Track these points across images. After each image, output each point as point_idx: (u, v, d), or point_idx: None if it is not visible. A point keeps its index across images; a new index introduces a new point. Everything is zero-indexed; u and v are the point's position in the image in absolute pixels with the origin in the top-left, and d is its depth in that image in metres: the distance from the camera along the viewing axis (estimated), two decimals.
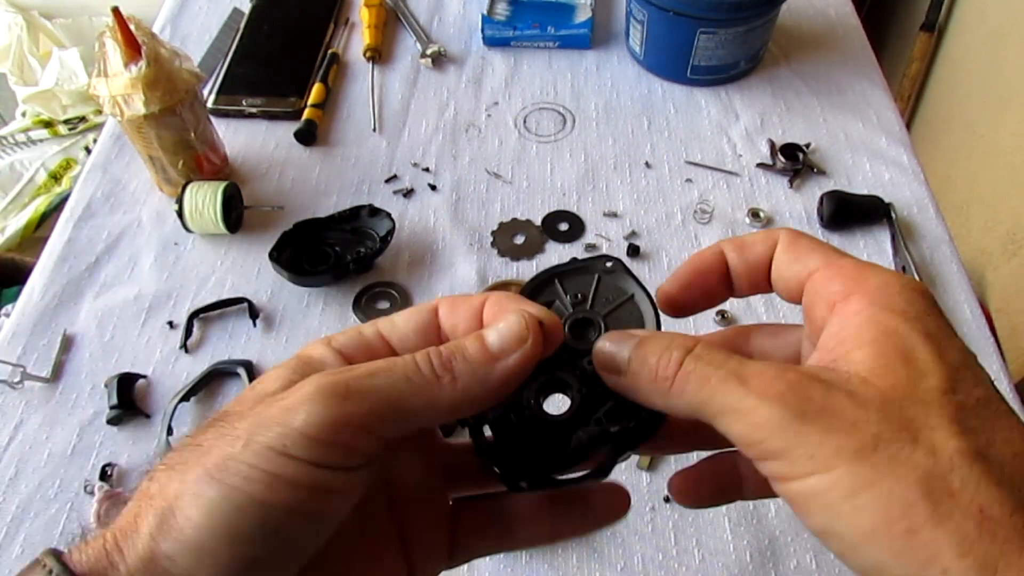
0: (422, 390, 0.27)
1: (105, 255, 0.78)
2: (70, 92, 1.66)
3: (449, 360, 0.27)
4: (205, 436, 0.26)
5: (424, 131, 0.90)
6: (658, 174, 0.85)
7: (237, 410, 0.27)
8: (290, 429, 0.25)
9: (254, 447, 0.25)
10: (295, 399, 0.25)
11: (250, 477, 0.24)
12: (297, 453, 0.24)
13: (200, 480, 0.24)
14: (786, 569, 0.58)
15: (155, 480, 0.26)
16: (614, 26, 1.02)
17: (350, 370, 0.26)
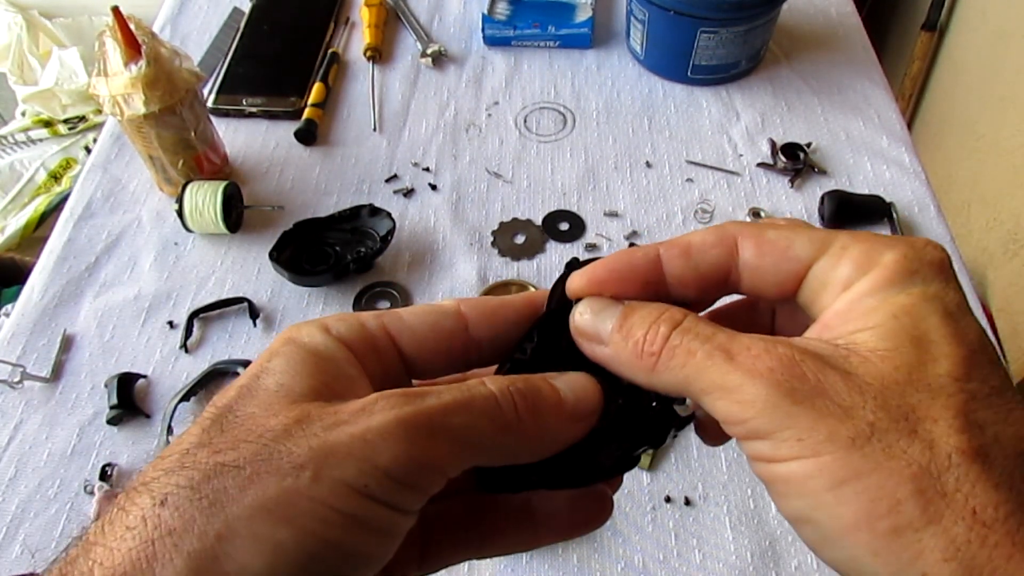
0: (501, 433, 0.24)
1: (105, 255, 0.78)
2: (70, 92, 1.65)
3: (531, 406, 0.25)
4: (239, 452, 0.21)
5: (424, 131, 0.90)
6: (659, 174, 0.85)
7: (257, 414, 0.23)
8: (372, 467, 0.21)
9: (328, 483, 0.21)
10: (371, 428, 0.22)
11: (327, 519, 0.21)
12: (378, 494, 0.21)
13: (259, 518, 0.20)
14: (787, 569, 0.58)
15: (173, 507, 0.20)
16: (615, 25, 1.02)
17: (424, 399, 0.23)
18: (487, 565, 0.59)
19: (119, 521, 0.21)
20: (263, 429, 0.22)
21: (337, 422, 0.22)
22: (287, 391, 0.23)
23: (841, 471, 0.20)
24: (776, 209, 0.81)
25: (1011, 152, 1.29)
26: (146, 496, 0.21)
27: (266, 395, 0.23)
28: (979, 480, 0.20)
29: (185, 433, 0.23)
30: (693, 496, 0.62)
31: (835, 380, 0.21)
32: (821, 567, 0.58)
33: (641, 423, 0.28)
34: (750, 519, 0.60)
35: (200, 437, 0.22)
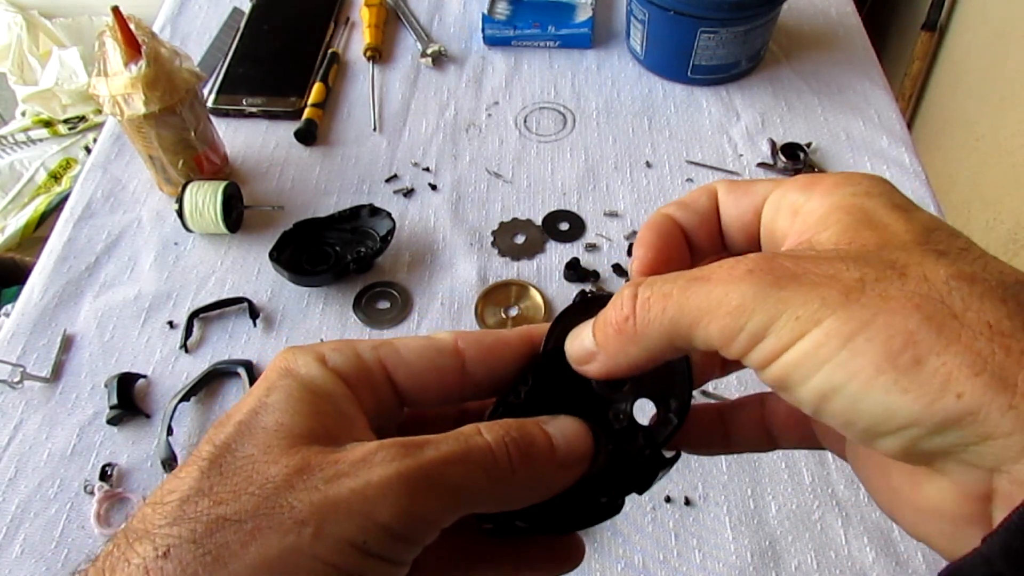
0: (497, 485, 0.24)
1: (105, 255, 0.78)
2: (70, 92, 1.65)
3: (526, 455, 0.25)
4: (241, 504, 0.21)
5: (424, 131, 0.90)
6: (659, 174, 0.85)
7: (257, 457, 0.23)
8: (372, 523, 0.21)
9: (329, 540, 0.21)
10: (373, 484, 0.22)
11: (322, 575, 0.21)
12: (376, 550, 0.22)
13: (261, 575, 0.20)
14: (787, 569, 0.58)
15: (176, 560, 0.21)
16: (615, 25, 1.02)
17: (423, 451, 0.23)
18: None
19: (120, 569, 0.21)
20: (264, 478, 0.22)
21: (338, 474, 0.22)
22: (287, 432, 0.23)
23: (846, 327, 0.20)
24: None
25: (1011, 152, 1.29)
26: (148, 546, 0.21)
27: (264, 435, 0.23)
28: (984, 296, 0.20)
29: (183, 472, 0.23)
30: (693, 496, 0.62)
31: (812, 262, 0.21)
32: (821, 567, 0.58)
33: (630, 469, 0.28)
34: (750, 519, 0.60)
35: (200, 482, 0.22)
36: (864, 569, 0.58)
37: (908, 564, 0.58)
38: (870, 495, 0.25)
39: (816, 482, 0.62)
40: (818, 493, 0.62)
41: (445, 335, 0.28)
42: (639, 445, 0.28)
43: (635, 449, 0.28)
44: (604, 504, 0.28)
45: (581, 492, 0.27)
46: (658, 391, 0.29)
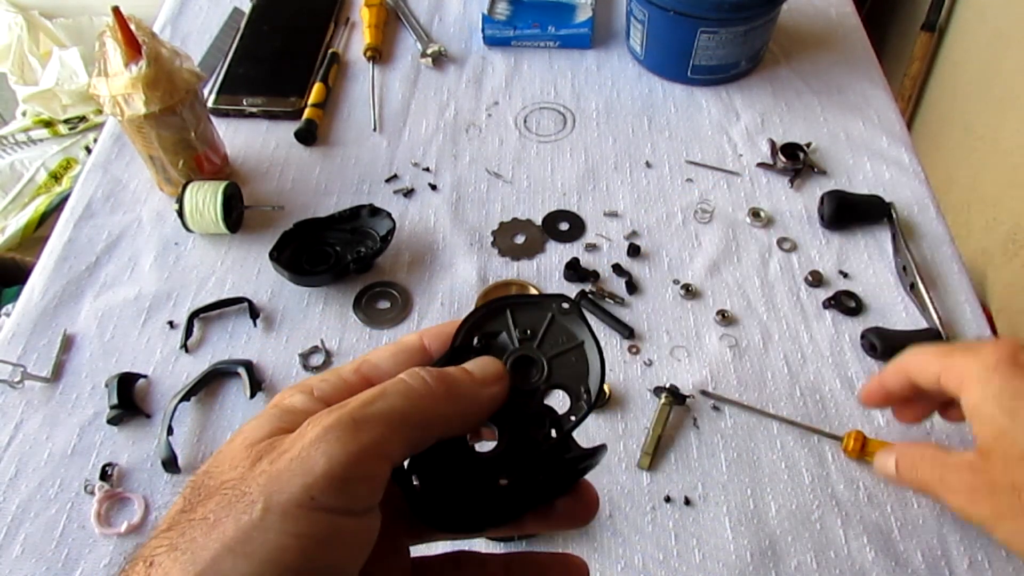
0: (421, 404, 0.26)
1: (105, 255, 0.78)
2: (70, 92, 1.66)
3: (440, 377, 0.27)
4: (207, 507, 0.23)
5: (424, 131, 0.90)
6: (659, 174, 0.85)
7: (224, 470, 0.25)
8: (314, 477, 0.23)
9: (277, 509, 0.22)
10: (304, 445, 0.24)
11: (280, 545, 0.22)
12: (324, 501, 0.23)
13: (222, 558, 0.22)
14: (787, 569, 0.58)
15: (158, 565, 0.23)
16: (614, 26, 1.02)
17: (344, 405, 0.25)
18: None
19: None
20: (226, 481, 0.24)
21: (280, 452, 0.24)
22: (250, 442, 0.25)
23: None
24: (776, 209, 0.81)
25: (1011, 152, 1.29)
26: (140, 563, 0.23)
27: (231, 451, 0.26)
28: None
29: (174, 501, 0.26)
30: (693, 496, 0.62)
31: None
32: (821, 567, 0.58)
33: (537, 453, 0.30)
34: (750, 519, 0.60)
35: (182, 504, 0.25)
36: (864, 569, 0.58)
37: (908, 564, 0.58)
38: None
39: (816, 482, 0.62)
40: (818, 493, 0.62)
41: (411, 336, 0.31)
42: (546, 432, 0.30)
43: (544, 434, 0.30)
44: (507, 488, 0.29)
45: (486, 476, 0.29)
46: (571, 381, 0.32)
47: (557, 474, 0.30)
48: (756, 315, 0.72)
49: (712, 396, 0.66)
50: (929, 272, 0.75)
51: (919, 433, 0.65)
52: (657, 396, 0.66)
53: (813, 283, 0.74)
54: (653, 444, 0.63)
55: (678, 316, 0.73)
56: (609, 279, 0.75)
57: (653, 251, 0.78)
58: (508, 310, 0.32)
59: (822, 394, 0.67)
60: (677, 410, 0.66)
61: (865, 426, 0.65)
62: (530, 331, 0.32)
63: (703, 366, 0.69)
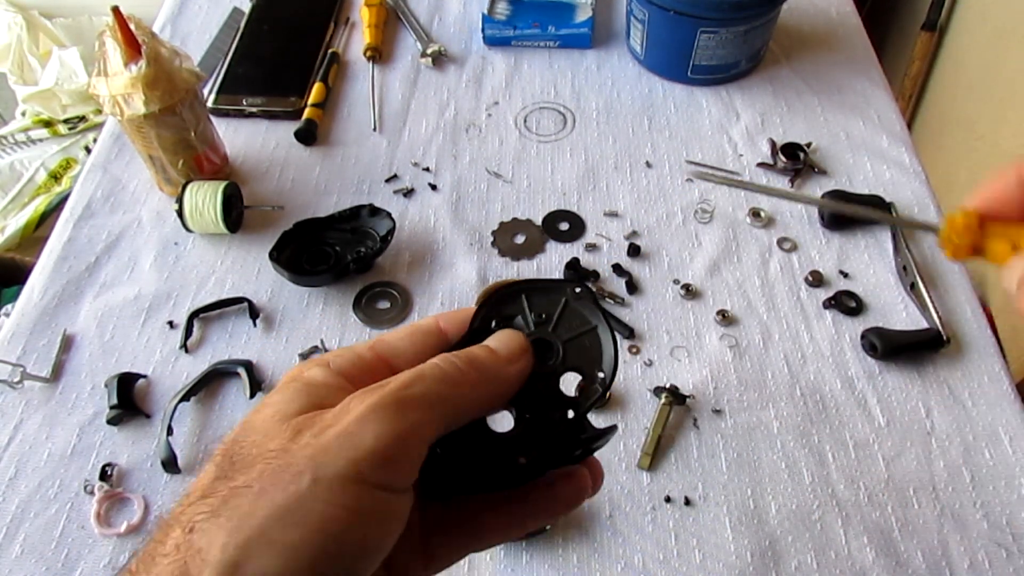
0: (456, 389, 0.27)
1: (105, 255, 0.78)
2: (70, 92, 1.65)
3: (469, 361, 0.28)
4: (248, 476, 0.24)
5: (424, 131, 0.90)
6: (659, 174, 0.85)
7: (259, 441, 0.25)
8: (362, 452, 0.24)
9: (325, 481, 0.23)
10: (352, 421, 0.24)
11: (327, 515, 0.23)
12: (370, 476, 0.24)
13: (271, 526, 0.22)
14: (787, 569, 0.58)
15: (200, 531, 0.23)
16: (615, 25, 1.02)
17: (383, 386, 0.26)
18: (487, 565, 0.59)
19: (157, 552, 0.24)
20: (266, 452, 0.25)
21: (323, 427, 0.25)
22: (282, 415, 0.26)
23: None
24: (776, 209, 0.81)
25: (1011, 152, 1.29)
26: (177, 528, 0.24)
27: (263, 423, 0.26)
28: None
29: (201, 472, 0.26)
30: (693, 496, 0.62)
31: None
32: (821, 567, 0.58)
33: (553, 433, 0.31)
34: (750, 519, 0.60)
35: (215, 472, 0.25)
36: (864, 569, 0.58)
37: (908, 564, 0.58)
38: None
39: (816, 482, 0.62)
40: (818, 493, 0.62)
41: (426, 320, 0.32)
42: (563, 413, 0.31)
43: (560, 416, 0.31)
44: (525, 466, 0.31)
45: (507, 456, 0.30)
46: (585, 365, 0.32)
47: (572, 452, 0.31)
48: (756, 315, 0.72)
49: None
50: (929, 272, 0.75)
51: (919, 434, 0.65)
52: (657, 396, 0.66)
53: (813, 283, 0.74)
54: (653, 444, 0.63)
55: (678, 316, 0.73)
56: (609, 279, 0.75)
57: (653, 251, 0.78)
58: (523, 295, 0.33)
59: (822, 394, 0.67)
60: (677, 410, 0.66)
61: (865, 426, 0.65)
62: (545, 315, 0.33)
63: (703, 366, 0.69)
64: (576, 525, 0.60)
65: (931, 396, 0.67)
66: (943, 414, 0.66)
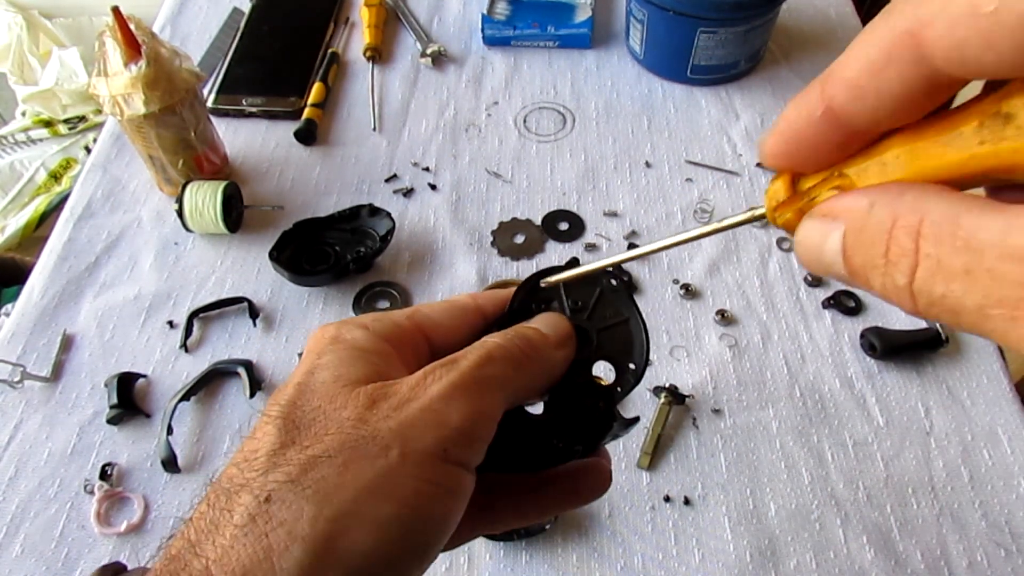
0: (520, 371, 0.27)
1: (105, 255, 0.78)
2: (70, 92, 1.65)
3: (528, 342, 0.28)
4: (324, 445, 0.23)
5: (424, 131, 0.90)
6: (658, 174, 0.85)
7: (325, 408, 0.24)
8: (448, 430, 0.24)
9: (413, 456, 0.23)
10: (436, 398, 0.24)
11: (417, 490, 0.23)
12: (454, 454, 0.24)
13: (363, 499, 0.22)
14: (786, 569, 0.58)
15: (279, 502, 0.22)
16: (614, 26, 1.02)
17: (459, 363, 0.26)
18: (487, 565, 0.59)
19: (224, 520, 0.22)
20: (340, 420, 0.24)
21: (402, 400, 0.24)
22: (345, 381, 0.25)
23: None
24: None
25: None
26: (247, 496, 0.22)
27: (325, 388, 0.25)
28: None
29: (259, 433, 0.25)
30: (692, 496, 0.62)
31: None
32: (820, 567, 0.58)
33: (586, 420, 0.32)
34: (749, 519, 0.60)
35: (281, 437, 0.24)
36: (863, 569, 0.58)
37: (907, 564, 0.58)
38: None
39: (815, 482, 0.62)
40: (817, 493, 0.62)
41: (462, 297, 0.32)
42: (596, 401, 0.32)
43: (592, 403, 0.32)
44: (560, 448, 0.31)
45: (541, 438, 0.31)
46: (617, 355, 0.33)
47: (601, 440, 0.32)
48: (756, 315, 0.73)
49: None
50: None
51: (918, 434, 0.65)
52: (656, 396, 0.66)
53: (812, 283, 0.74)
54: (652, 444, 0.63)
55: (678, 316, 0.73)
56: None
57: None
58: (561, 281, 0.34)
59: (821, 394, 0.67)
60: (676, 410, 0.66)
61: (864, 426, 0.65)
62: (580, 303, 0.33)
63: (703, 366, 0.69)
64: (575, 525, 0.60)
65: (930, 396, 0.67)
66: (942, 414, 0.66)
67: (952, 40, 0.16)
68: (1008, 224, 0.15)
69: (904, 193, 0.17)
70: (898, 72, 0.17)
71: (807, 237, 0.20)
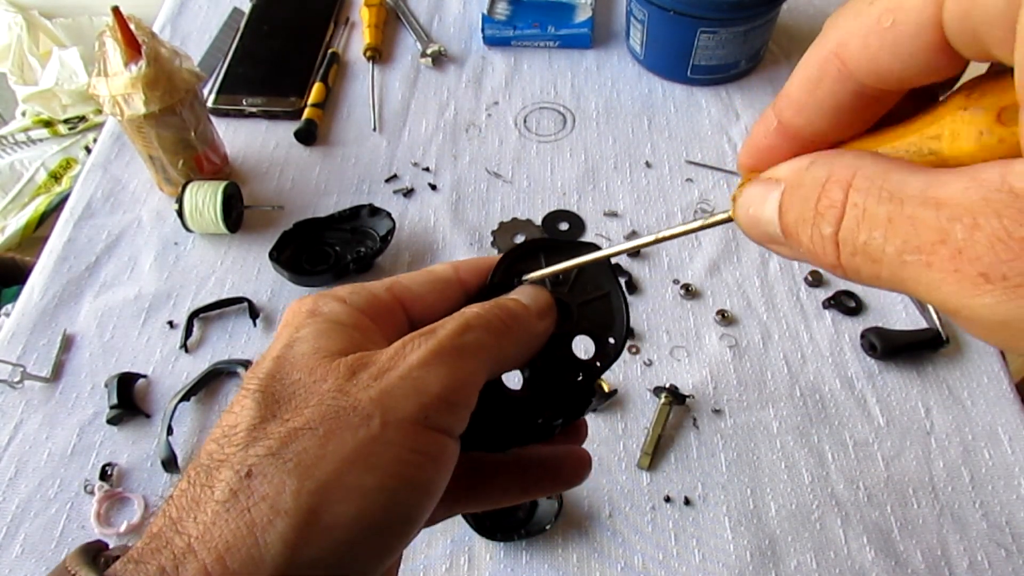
0: (500, 340, 0.27)
1: (105, 255, 0.78)
2: (70, 92, 1.65)
3: (508, 312, 0.28)
4: (303, 416, 0.23)
5: (424, 131, 0.90)
6: (658, 174, 0.85)
7: (304, 380, 0.24)
8: (429, 397, 0.24)
9: (395, 424, 0.23)
10: (415, 365, 0.24)
11: (400, 458, 0.22)
12: (436, 421, 0.24)
13: (346, 470, 0.22)
14: (786, 569, 0.58)
15: (262, 476, 0.21)
16: (614, 25, 1.02)
17: (437, 332, 0.26)
18: (487, 564, 0.59)
19: (205, 497, 0.22)
20: (320, 391, 0.24)
21: (381, 369, 0.24)
22: (324, 352, 0.25)
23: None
24: None
25: None
26: (228, 471, 0.22)
27: (305, 360, 0.25)
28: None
29: (237, 408, 0.24)
30: (693, 496, 0.62)
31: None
32: (821, 567, 0.58)
33: (565, 395, 0.32)
34: (750, 519, 0.60)
35: (260, 410, 0.23)
36: (863, 569, 0.58)
37: (907, 564, 0.58)
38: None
39: (815, 482, 0.62)
40: (817, 493, 0.62)
41: (443, 267, 0.31)
42: (576, 375, 0.32)
43: (572, 378, 0.32)
44: (540, 425, 0.31)
45: (522, 414, 0.31)
46: (597, 329, 0.33)
47: (581, 415, 0.32)
48: (756, 315, 0.72)
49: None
50: None
51: (918, 434, 0.65)
52: (657, 396, 0.66)
53: (813, 283, 0.74)
54: (653, 444, 0.63)
55: (678, 316, 0.73)
56: None
57: (653, 251, 0.78)
58: (542, 253, 0.34)
59: (822, 394, 0.67)
60: (677, 410, 0.66)
61: (864, 426, 0.65)
62: (561, 276, 0.33)
63: (703, 366, 0.69)
64: (576, 525, 0.60)
65: (930, 396, 0.67)
66: (942, 414, 0.66)
67: (866, 55, 0.18)
68: (930, 179, 0.17)
69: (844, 155, 0.19)
70: (830, 88, 0.19)
71: (748, 199, 0.22)
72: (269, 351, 0.26)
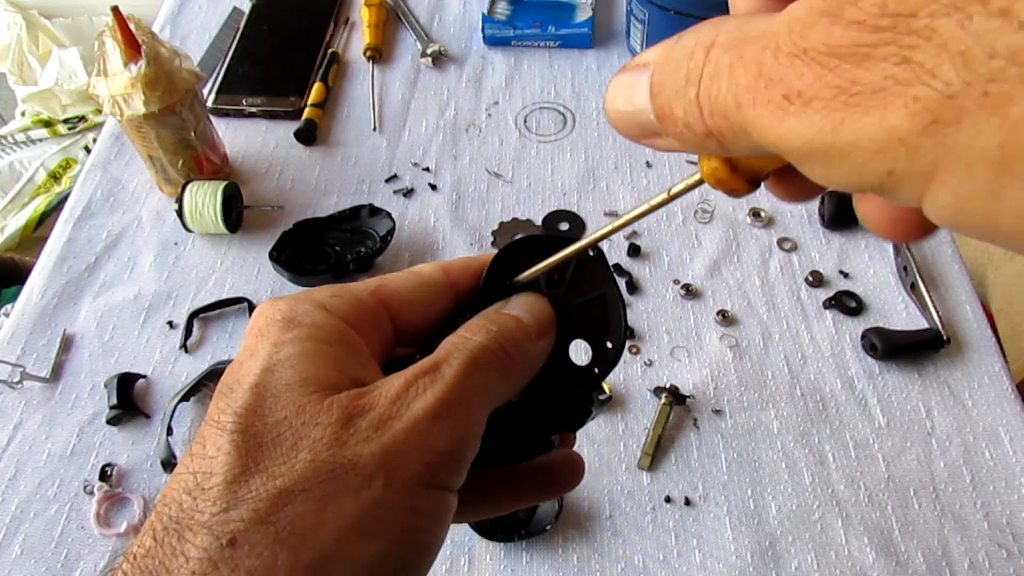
0: (505, 375, 0.25)
1: (105, 255, 0.78)
2: (70, 91, 1.65)
3: (514, 342, 0.26)
4: (294, 470, 0.20)
5: (424, 131, 0.90)
6: (659, 174, 0.85)
7: (291, 422, 0.21)
8: (436, 455, 0.21)
9: (400, 486, 0.21)
10: (419, 418, 0.22)
11: (404, 524, 0.21)
12: (441, 479, 0.22)
13: (347, 540, 0.20)
14: (787, 569, 0.58)
15: (247, 546, 0.19)
16: (615, 25, 1.01)
17: (441, 371, 0.23)
18: (487, 565, 0.59)
19: (177, 566, 0.19)
20: (312, 440, 0.21)
21: (382, 418, 0.22)
22: (313, 387, 0.22)
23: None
24: (776, 209, 0.81)
25: None
26: (206, 537, 0.19)
27: (290, 395, 0.22)
28: None
29: (210, 447, 0.21)
30: (693, 496, 0.61)
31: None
32: (821, 567, 0.58)
33: (564, 406, 0.30)
34: (750, 519, 0.60)
35: (239, 458, 0.20)
36: (864, 569, 0.58)
37: (908, 564, 0.58)
38: None
39: (816, 482, 0.62)
40: (818, 493, 0.62)
41: (430, 268, 0.29)
42: (574, 386, 0.30)
43: (571, 389, 0.30)
44: (538, 440, 0.30)
45: (520, 430, 0.29)
46: (594, 332, 0.31)
47: (579, 425, 0.30)
48: (756, 315, 0.72)
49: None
50: (929, 272, 0.75)
51: (919, 434, 0.65)
52: (657, 396, 0.66)
53: (813, 283, 0.74)
54: (653, 444, 0.63)
55: (678, 316, 0.73)
56: None
57: (653, 251, 0.78)
58: (536, 252, 0.31)
59: (822, 394, 0.67)
60: (677, 410, 0.66)
61: (865, 426, 0.65)
62: (557, 276, 0.31)
63: (703, 366, 0.69)
64: (576, 525, 0.60)
65: (931, 396, 0.67)
66: (943, 414, 0.66)
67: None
68: (772, 18, 0.15)
69: (712, 20, 0.17)
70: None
71: (615, 91, 0.19)
72: (241, 370, 0.23)
